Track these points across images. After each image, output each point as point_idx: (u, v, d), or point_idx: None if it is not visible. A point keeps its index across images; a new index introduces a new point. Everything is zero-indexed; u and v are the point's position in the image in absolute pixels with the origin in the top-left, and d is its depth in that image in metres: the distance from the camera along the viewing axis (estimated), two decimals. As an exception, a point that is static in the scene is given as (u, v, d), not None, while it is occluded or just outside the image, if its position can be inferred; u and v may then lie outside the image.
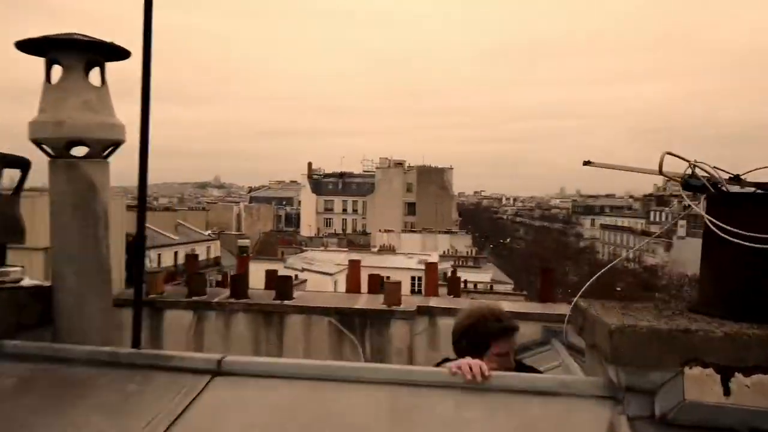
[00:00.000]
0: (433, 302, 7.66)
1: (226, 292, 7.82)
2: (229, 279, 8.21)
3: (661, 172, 1.73)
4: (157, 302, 7.62)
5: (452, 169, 75.13)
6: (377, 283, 8.03)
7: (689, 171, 1.75)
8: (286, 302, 7.47)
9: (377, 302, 7.57)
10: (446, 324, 7.54)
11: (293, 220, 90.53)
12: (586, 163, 1.93)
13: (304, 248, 49.49)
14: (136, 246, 2.92)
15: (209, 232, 63.44)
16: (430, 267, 8.19)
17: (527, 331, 7.39)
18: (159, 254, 49.43)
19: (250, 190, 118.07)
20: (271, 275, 8.21)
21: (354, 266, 8.21)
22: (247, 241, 54.43)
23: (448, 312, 7.50)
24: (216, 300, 7.59)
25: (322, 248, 47.81)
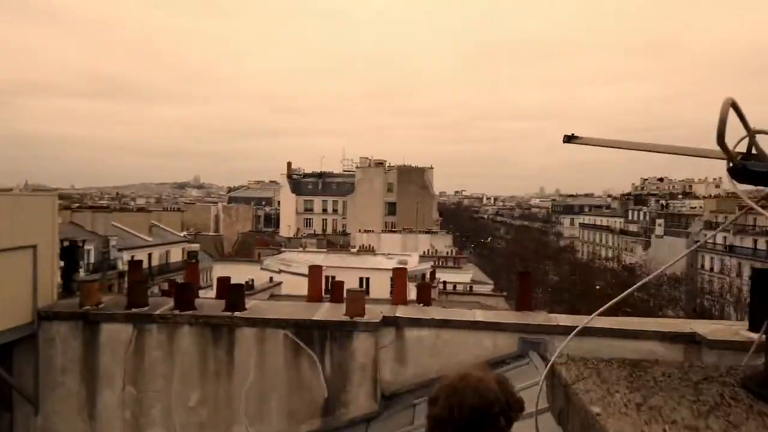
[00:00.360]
0: (401, 312, 6.95)
1: (172, 302, 7.02)
2: (174, 288, 7.40)
3: (721, 142, 1.02)
4: (91, 314, 6.80)
5: (432, 168, 74.73)
6: (341, 291, 7.30)
7: (745, 148, 1.05)
8: (236, 314, 6.70)
9: (339, 312, 6.84)
10: (414, 336, 6.84)
11: (273, 220, 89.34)
12: (569, 138, 1.25)
13: (282, 249, 48.54)
14: None
15: (185, 233, 62.19)
16: (399, 273, 7.46)
17: (502, 343, 6.73)
18: (132, 256, 48.20)
19: (230, 190, 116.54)
20: (222, 282, 7.42)
21: (314, 272, 7.46)
22: (197, 245, 53.33)
23: (416, 323, 6.81)
24: (158, 312, 6.78)
25: (300, 249, 46.88)
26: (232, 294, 6.83)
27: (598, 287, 48.89)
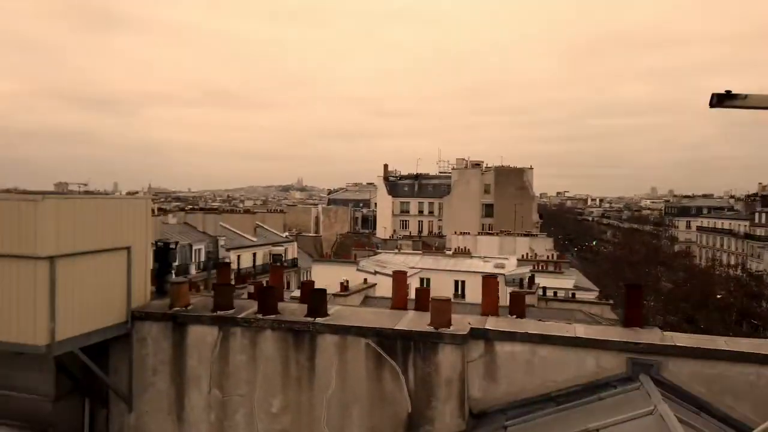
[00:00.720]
0: (490, 324, 6.40)
1: (256, 305, 6.95)
2: (258, 291, 7.33)
3: None
4: (179, 316, 6.90)
5: (532, 169, 71.98)
6: (426, 298, 6.87)
7: None
8: (318, 320, 6.49)
9: (424, 322, 6.43)
10: (506, 351, 6.25)
11: (370, 222, 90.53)
12: (719, 99, 0.89)
13: (378, 250, 48.85)
14: None
15: (287, 233, 64.60)
16: (489, 282, 6.89)
17: (608, 364, 5.97)
18: (238, 255, 50.78)
19: (330, 192, 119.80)
20: (306, 287, 7.26)
21: (399, 279, 7.09)
22: (282, 248, 54.77)
23: (509, 337, 6.23)
24: (241, 316, 6.74)
25: (396, 251, 46.92)
26: (314, 299, 6.63)
27: (719, 296, 44.53)
